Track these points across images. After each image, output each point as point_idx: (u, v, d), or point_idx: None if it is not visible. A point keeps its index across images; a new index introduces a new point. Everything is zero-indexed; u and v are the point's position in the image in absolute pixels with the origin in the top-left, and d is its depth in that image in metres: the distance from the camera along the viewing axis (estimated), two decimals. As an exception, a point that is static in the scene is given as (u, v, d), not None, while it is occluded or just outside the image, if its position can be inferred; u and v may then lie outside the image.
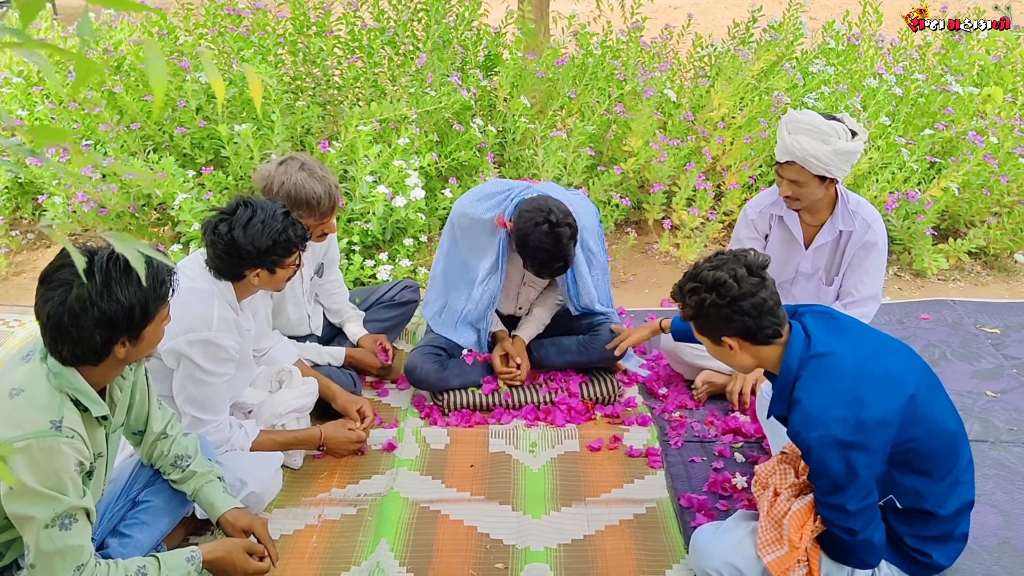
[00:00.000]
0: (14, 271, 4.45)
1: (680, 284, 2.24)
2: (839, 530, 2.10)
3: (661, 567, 2.42)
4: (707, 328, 2.19)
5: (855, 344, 2.12)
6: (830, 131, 2.81)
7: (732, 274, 2.12)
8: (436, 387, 3.17)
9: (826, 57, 5.23)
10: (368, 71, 4.91)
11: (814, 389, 2.06)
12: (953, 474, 2.16)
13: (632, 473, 2.84)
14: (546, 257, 2.90)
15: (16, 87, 4.75)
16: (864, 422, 2.00)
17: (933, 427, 2.11)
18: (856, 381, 2.04)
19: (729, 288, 2.11)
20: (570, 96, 4.71)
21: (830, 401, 2.03)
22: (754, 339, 2.15)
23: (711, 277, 2.14)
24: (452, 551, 2.49)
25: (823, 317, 2.20)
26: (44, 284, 1.85)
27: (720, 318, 2.14)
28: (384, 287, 3.55)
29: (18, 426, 1.80)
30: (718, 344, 2.20)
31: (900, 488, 2.14)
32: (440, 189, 4.33)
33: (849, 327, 2.18)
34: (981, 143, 4.35)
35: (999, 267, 4.55)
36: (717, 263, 2.18)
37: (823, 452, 2.01)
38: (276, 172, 2.80)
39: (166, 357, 2.45)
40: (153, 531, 2.24)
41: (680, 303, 2.24)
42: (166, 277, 1.94)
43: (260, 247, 2.44)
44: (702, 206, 4.30)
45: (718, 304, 2.12)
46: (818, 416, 2.01)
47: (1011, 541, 2.51)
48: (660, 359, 3.48)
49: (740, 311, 2.11)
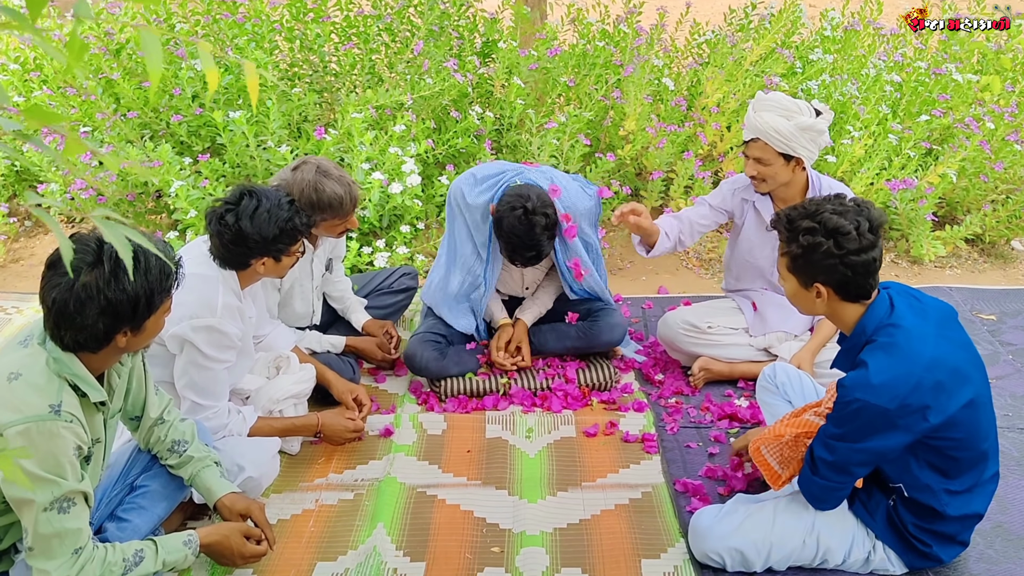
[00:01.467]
0: (12, 258, 4.45)
1: (790, 215, 2.13)
2: (810, 462, 2.16)
3: (656, 551, 2.43)
4: (804, 270, 2.11)
5: (934, 329, 2.08)
6: (794, 108, 2.86)
7: (856, 226, 2.03)
8: (435, 375, 3.18)
9: (823, 45, 5.22)
10: (365, 58, 4.90)
11: (883, 359, 2.02)
12: (970, 485, 2.16)
13: (628, 458, 2.85)
14: (517, 243, 2.92)
15: (13, 73, 4.73)
16: (910, 405, 1.99)
17: (972, 438, 2.10)
18: (922, 370, 2.00)
19: (850, 240, 2.02)
20: (569, 84, 4.70)
21: (893, 375, 2.00)
22: (846, 294, 2.09)
23: (833, 223, 2.03)
24: (449, 535, 2.50)
25: (908, 296, 2.16)
26: (51, 269, 1.85)
27: (825, 266, 2.06)
28: (382, 274, 3.56)
29: (17, 410, 1.81)
30: (806, 288, 2.13)
31: (914, 480, 2.14)
32: (437, 176, 4.33)
33: (931, 311, 2.13)
34: (977, 129, 4.35)
35: (995, 254, 4.55)
36: (840, 208, 2.06)
37: (860, 412, 2.01)
38: (293, 179, 2.80)
39: (170, 343, 2.46)
40: (151, 516, 2.25)
41: (785, 235, 2.13)
42: (172, 270, 1.95)
43: (267, 236, 2.45)
44: (700, 194, 4.29)
45: (831, 253, 2.03)
46: (876, 385, 2.00)
47: (1004, 525, 2.52)
48: (656, 346, 3.49)
49: (849, 264, 2.03)
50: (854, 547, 2.27)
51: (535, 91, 4.84)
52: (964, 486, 2.15)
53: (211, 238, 2.51)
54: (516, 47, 4.79)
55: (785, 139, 2.85)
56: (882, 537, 2.26)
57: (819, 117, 2.88)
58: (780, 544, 2.25)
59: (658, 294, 4.10)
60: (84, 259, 1.83)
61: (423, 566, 2.38)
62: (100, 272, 1.82)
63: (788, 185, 2.99)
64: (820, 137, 2.88)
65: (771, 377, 2.73)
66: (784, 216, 2.14)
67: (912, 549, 2.24)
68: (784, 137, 2.84)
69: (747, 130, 2.95)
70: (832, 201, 2.09)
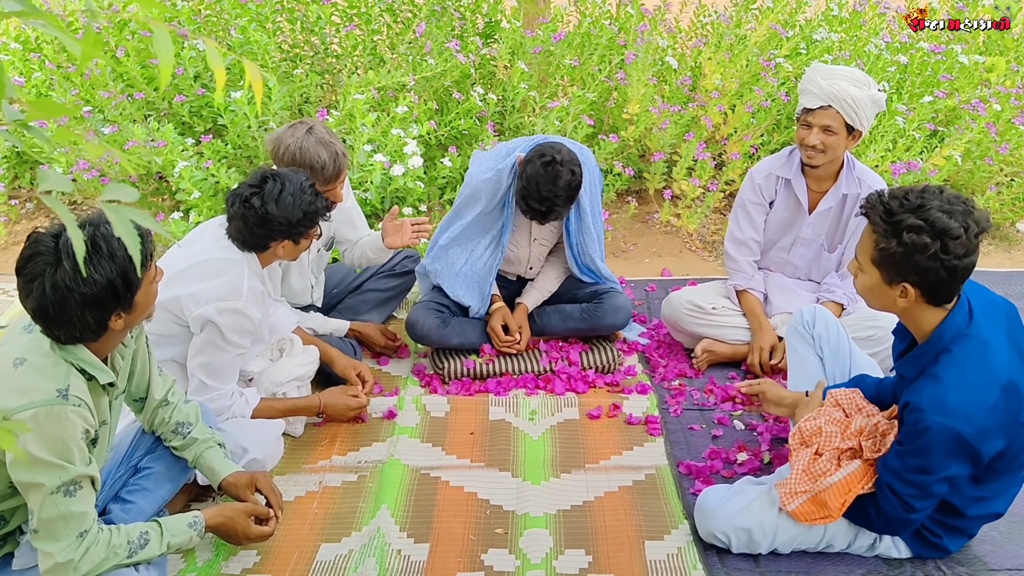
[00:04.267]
0: (13, 240, 4.44)
1: (891, 208, 1.92)
2: (900, 504, 2.06)
3: (660, 532, 2.44)
4: (896, 267, 1.93)
5: (1006, 337, 1.98)
6: (863, 79, 2.84)
7: (965, 228, 1.86)
8: (437, 343, 3.17)
9: (829, 24, 5.18)
10: (367, 39, 4.87)
11: (959, 375, 1.92)
12: (999, 492, 2.14)
13: (631, 440, 2.85)
14: (534, 191, 2.84)
15: (14, 53, 4.71)
16: (987, 428, 1.92)
17: (1015, 452, 2.05)
18: (1000, 389, 1.92)
19: (958, 245, 1.85)
20: (573, 64, 4.67)
21: (971, 395, 1.91)
22: (933, 298, 1.94)
23: (942, 223, 1.85)
24: (452, 516, 2.51)
25: (981, 295, 2.04)
26: (21, 275, 1.82)
27: (923, 268, 1.89)
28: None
29: (24, 394, 1.80)
30: (890, 285, 1.96)
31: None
32: (439, 158, 4.31)
33: (1001, 313, 2.03)
34: (983, 111, 4.32)
35: (1000, 237, 4.54)
36: (950, 207, 1.88)
37: (938, 438, 1.92)
38: (284, 135, 2.81)
39: (193, 323, 2.47)
40: (155, 497, 2.26)
41: (883, 228, 1.93)
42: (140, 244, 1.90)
43: (292, 219, 2.48)
44: (702, 176, 4.28)
45: (936, 256, 1.86)
46: (953, 407, 1.90)
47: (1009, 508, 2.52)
48: (660, 327, 3.48)
49: (948, 269, 1.87)
50: (860, 535, 2.26)
51: (538, 72, 4.81)
52: (993, 493, 2.13)
53: (232, 220, 2.51)
54: (520, 27, 4.75)
55: (857, 108, 2.81)
56: None
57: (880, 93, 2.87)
58: (786, 526, 2.25)
59: (662, 276, 4.09)
60: (46, 260, 1.79)
61: (427, 547, 2.39)
62: (63, 270, 1.78)
63: (834, 161, 2.96)
64: (879, 108, 2.87)
65: (809, 323, 2.58)
66: (882, 206, 1.94)
67: (922, 539, 2.23)
68: (857, 106, 2.81)
69: (817, 98, 2.85)
70: (938, 197, 1.90)
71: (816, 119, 2.87)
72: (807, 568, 2.28)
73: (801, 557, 2.31)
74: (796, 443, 2.26)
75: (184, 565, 2.32)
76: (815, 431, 2.23)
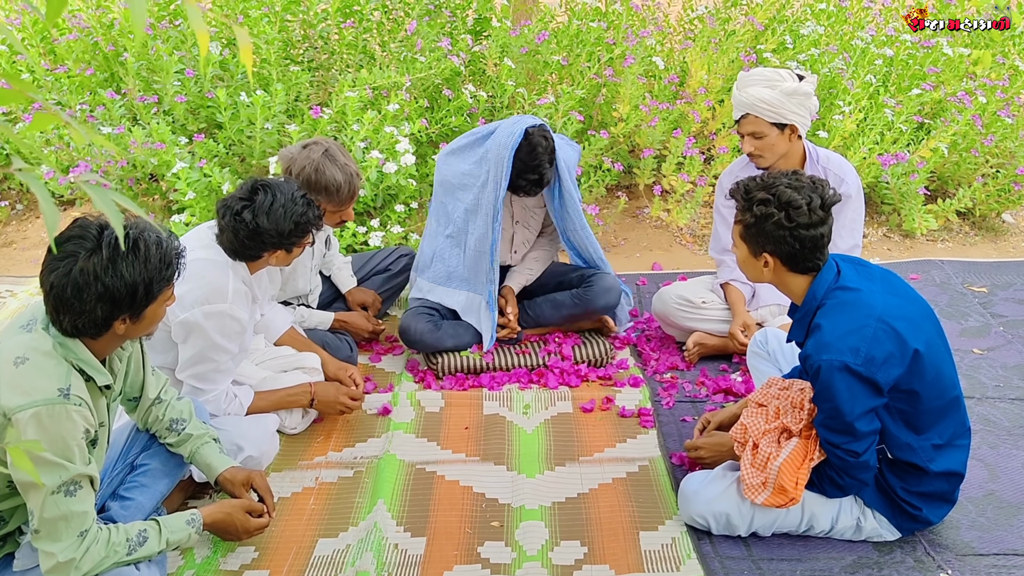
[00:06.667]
0: (4, 242, 4.44)
1: (748, 186, 2.21)
2: (843, 453, 2.15)
3: (654, 523, 2.46)
4: (754, 239, 2.19)
5: (881, 287, 2.16)
6: (775, 76, 2.91)
7: (808, 201, 2.11)
8: (431, 347, 3.19)
9: (816, 19, 5.22)
10: (359, 36, 4.87)
11: (835, 317, 2.10)
12: (947, 437, 2.21)
13: (624, 433, 2.88)
14: (522, 167, 2.96)
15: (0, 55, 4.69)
16: (875, 358, 2.05)
17: (937, 387, 2.15)
18: (876, 321, 2.07)
19: (800, 214, 2.10)
20: (562, 63, 4.68)
21: (848, 330, 2.07)
22: (793, 266, 2.18)
23: (787, 196, 2.12)
24: (448, 510, 2.53)
25: (855, 262, 2.25)
26: (53, 252, 1.84)
27: (774, 237, 2.14)
28: (380, 254, 3.56)
29: (26, 393, 1.81)
30: (755, 256, 2.22)
31: (893, 439, 2.19)
32: (431, 155, 4.33)
33: (876, 274, 2.22)
34: (969, 103, 4.36)
35: (986, 227, 4.58)
36: (796, 184, 2.15)
37: (830, 375, 2.06)
38: (299, 155, 2.82)
39: (176, 329, 2.47)
40: (153, 493, 2.27)
41: (741, 204, 2.22)
42: (173, 259, 1.95)
43: (283, 231, 2.49)
44: (691, 171, 4.31)
45: (782, 224, 2.12)
46: (833, 342, 2.07)
47: (996, 493, 2.56)
48: (651, 321, 3.51)
49: (797, 238, 2.12)
50: (841, 514, 2.31)
51: (526, 70, 4.83)
52: (943, 439, 2.20)
53: (223, 232, 2.51)
54: (509, 26, 4.77)
55: (773, 107, 2.88)
56: (872, 504, 2.30)
57: (802, 81, 2.91)
58: (762, 511, 2.31)
59: (652, 270, 4.12)
60: (84, 244, 1.83)
61: (424, 541, 2.41)
62: (98, 258, 1.82)
63: (786, 157, 3.00)
64: (808, 101, 2.91)
65: (763, 343, 2.77)
66: (742, 186, 2.23)
67: (902, 512, 2.28)
68: (772, 106, 2.87)
69: (736, 109, 2.98)
70: (789, 176, 2.18)
71: (743, 128, 2.98)
72: (799, 555, 2.31)
73: (793, 544, 2.35)
74: (739, 450, 2.36)
75: (183, 562, 2.33)
76: (741, 429, 2.35)
